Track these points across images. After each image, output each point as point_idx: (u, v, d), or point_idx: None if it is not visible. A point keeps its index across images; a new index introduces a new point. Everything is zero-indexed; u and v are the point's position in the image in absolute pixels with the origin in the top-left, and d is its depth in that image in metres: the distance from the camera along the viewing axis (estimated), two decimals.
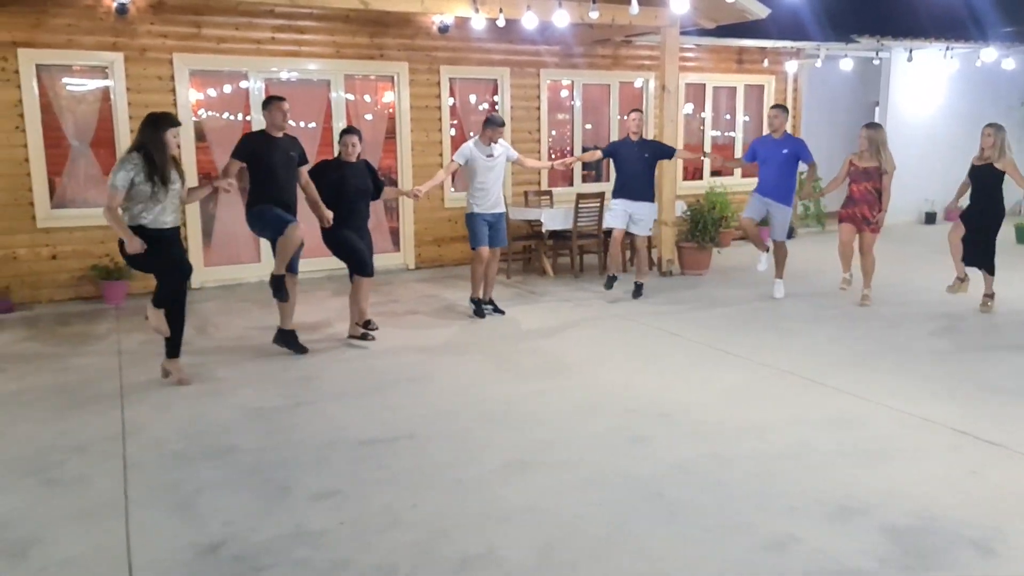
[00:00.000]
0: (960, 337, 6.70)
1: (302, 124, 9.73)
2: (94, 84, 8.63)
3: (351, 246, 6.72)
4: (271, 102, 6.32)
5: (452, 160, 7.68)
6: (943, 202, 13.29)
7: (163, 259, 5.46)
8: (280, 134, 6.33)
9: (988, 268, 7.56)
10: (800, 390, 5.40)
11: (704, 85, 12.49)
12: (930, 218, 14.58)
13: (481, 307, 7.75)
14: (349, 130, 6.82)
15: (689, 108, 12.49)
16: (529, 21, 8.27)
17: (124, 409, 5.19)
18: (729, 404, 5.15)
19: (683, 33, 9.96)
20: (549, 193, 10.65)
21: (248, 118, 9.30)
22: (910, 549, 3.27)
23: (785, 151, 8.20)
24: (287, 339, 6.49)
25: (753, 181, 8.73)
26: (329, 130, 9.71)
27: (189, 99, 8.96)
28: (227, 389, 5.60)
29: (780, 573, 3.13)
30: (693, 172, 12.62)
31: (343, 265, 6.92)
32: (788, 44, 12.47)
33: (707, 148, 12.17)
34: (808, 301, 8.12)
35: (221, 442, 4.62)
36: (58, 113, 8.45)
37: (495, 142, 7.59)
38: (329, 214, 6.58)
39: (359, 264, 6.75)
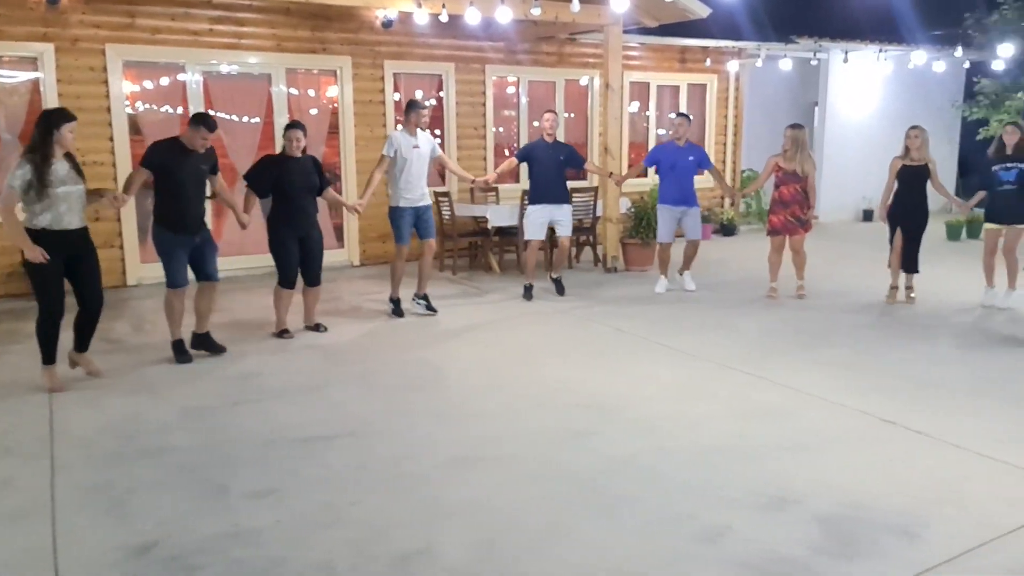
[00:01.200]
0: (890, 330, 6.90)
1: (245, 119, 9.58)
2: (24, 76, 8.35)
3: (285, 260, 6.67)
4: (197, 125, 5.85)
5: (382, 155, 7.32)
6: (879, 200, 13.70)
7: (54, 278, 5.22)
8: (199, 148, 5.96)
9: (915, 268, 7.83)
10: (737, 383, 5.50)
11: (648, 84, 12.63)
12: (867, 215, 14.97)
13: (399, 306, 7.56)
14: (293, 124, 6.64)
15: (635, 107, 12.62)
16: (472, 17, 8.26)
17: (53, 409, 5.04)
18: (669, 398, 5.22)
19: (626, 31, 10.05)
20: (495, 190, 10.65)
21: (183, 111, 9.11)
22: (839, 537, 3.36)
23: (691, 158, 8.31)
24: (178, 350, 6.14)
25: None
26: (271, 125, 9.57)
27: (123, 91, 8.73)
28: (163, 388, 5.48)
29: (715, 563, 3.19)
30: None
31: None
32: (729, 44, 12.69)
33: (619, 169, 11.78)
34: (746, 297, 8.26)
35: (156, 441, 4.52)
36: None
37: (421, 128, 7.35)
38: (247, 218, 6.45)
39: (283, 278, 6.71)
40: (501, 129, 11.47)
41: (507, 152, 11.54)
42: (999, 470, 4.01)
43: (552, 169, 8.16)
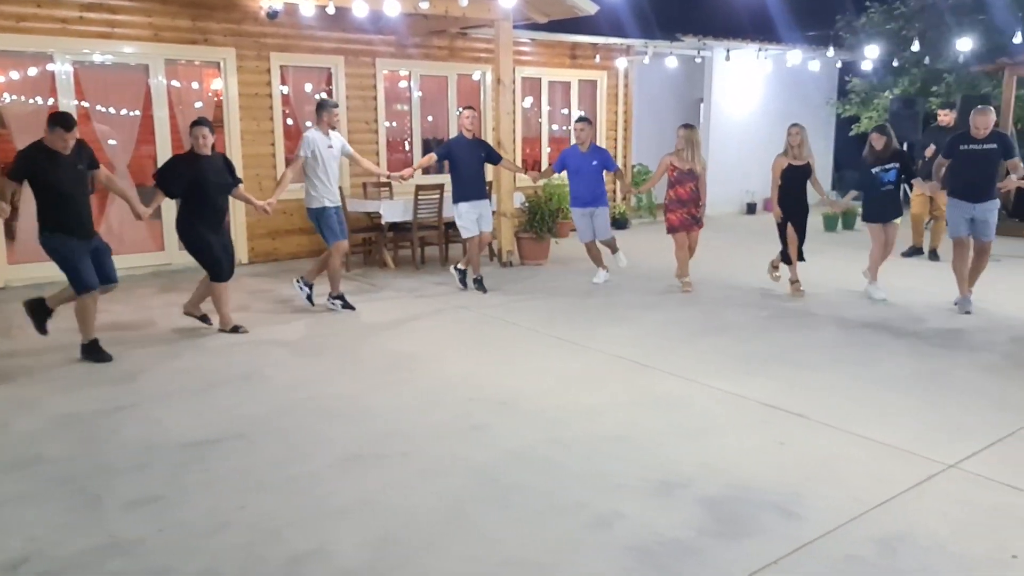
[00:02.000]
0: (774, 318, 7.20)
1: (124, 112, 9.14)
2: None
3: (211, 255, 6.47)
4: (54, 127, 5.51)
5: (297, 156, 7.20)
6: (762, 193, 14.26)
7: None
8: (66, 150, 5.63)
9: (801, 258, 8.20)
10: (630, 374, 5.62)
11: (540, 79, 12.75)
12: (751, 208, 15.59)
13: (346, 300, 7.52)
14: (199, 122, 6.39)
15: (528, 102, 12.72)
16: (359, 9, 8.13)
17: None
18: (564, 389, 5.29)
19: (516, 27, 10.11)
20: (388, 185, 10.53)
21: (58, 104, 8.61)
22: (723, 517, 3.49)
23: (594, 162, 8.50)
24: (91, 351, 5.95)
25: None
26: (150, 118, 9.17)
27: None
28: (34, 395, 5.17)
29: (606, 548, 3.25)
30: (532, 165, 12.86)
31: (167, 261, 6.58)
32: (618, 41, 12.95)
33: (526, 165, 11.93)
34: (639, 289, 8.46)
35: (25, 452, 4.26)
36: None
37: (332, 127, 7.32)
38: (143, 210, 6.18)
39: (216, 272, 6.53)
40: (394, 124, 11.35)
41: (406, 147, 11.46)
42: (870, 448, 4.25)
43: (473, 165, 8.20)
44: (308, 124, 8.43)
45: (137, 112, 9.20)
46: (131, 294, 8.16)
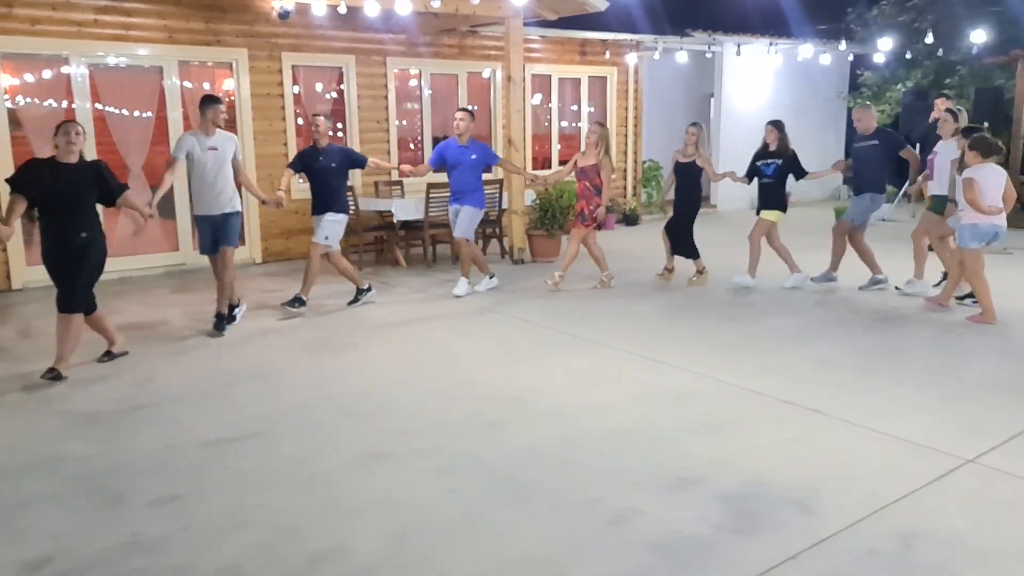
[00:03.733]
0: (787, 313, 7.19)
1: (137, 113, 9.20)
2: None
3: (55, 276, 5.58)
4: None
5: (172, 158, 6.49)
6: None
7: None
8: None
9: (693, 255, 8.42)
10: (643, 370, 5.63)
11: (550, 76, 12.74)
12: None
13: (226, 318, 6.82)
14: (70, 121, 5.58)
15: (538, 99, 12.72)
16: (371, 8, 8.15)
17: None
18: (576, 386, 5.31)
19: (527, 24, 10.11)
20: (400, 184, 10.56)
21: (74, 106, 8.68)
22: (740, 513, 3.50)
23: (474, 156, 8.08)
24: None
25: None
26: (164, 119, 9.23)
27: (1, 84, 8.25)
28: (55, 395, 5.22)
29: (622, 544, 3.27)
30: (543, 162, 12.87)
31: (182, 261, 6.63)
32: (628, 37, 12.93)
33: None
34: (650, 285, 8.47)
35: (48, 452, 4.31)
36: None
37: (219, 126, 6.60)
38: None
39: (58, 297, 5.55)
40: (403, 122, 11.37)
41: (412, 146, 11.49)
42: (887, 443, 4.25)
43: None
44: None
45: (151, 113, 9.25)
46: (147, 294, 8.22)
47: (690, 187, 8.37)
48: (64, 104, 8.71)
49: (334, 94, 10.54)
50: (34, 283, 8.49)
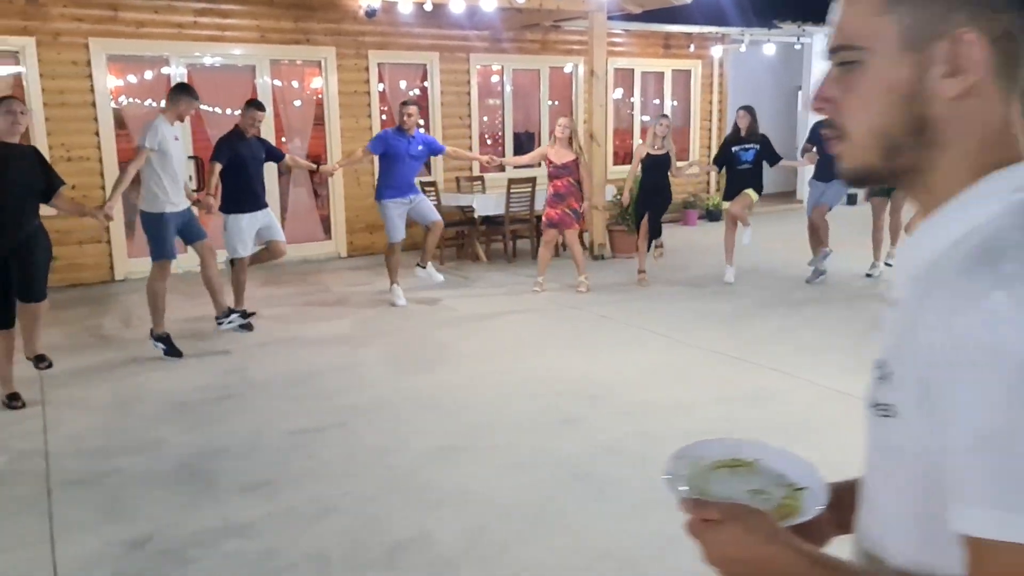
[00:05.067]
0: (871, 313, 6.96)
1: (228, 111, 9.53)
2: (4, 70, 8.29)
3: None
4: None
5: (141, 147, 5.83)
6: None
7: None
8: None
9: (658, 234, 8.48)
10: (724, 368, 5.56)
11: (632, 70, 12.64)
12: (851, 199, 15.05)
13: (171, 343, 6.04)
14: (11, 97, 5.11)
15: (619, 93, 12.63)
16: (457, 5, 8.25)
17: (45, 404, 5.05)
18: (656, 383, 5.27)
19: (610, 18, 10.05)
20: (481, 179, 10.66)
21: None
22: None
23: (420, 147, 7.66)
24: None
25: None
26: None
27: (108, 85, 8.68)
28: (151, 382, 5.49)
29: None
30: (623, 157, 12.79)
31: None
32: (713, 29, 12.71)
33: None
34: (723, 281, 8.32)
35: (146, 436, 4.54)
36: None
37: (182, 119, 6.22)
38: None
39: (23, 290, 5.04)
40: (484, 118, 11.46)
41: (489, 141, 11.57)
42: None
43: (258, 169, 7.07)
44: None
45: (240, 111, 9.56)
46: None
47: (664, 180, 8.29)
48: (162, 103, 9.08)
49: (417, 91, 10.70)
50: (135, 274, 8.90)
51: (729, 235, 8.23)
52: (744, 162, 8.08)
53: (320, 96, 10.03)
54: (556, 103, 12.00)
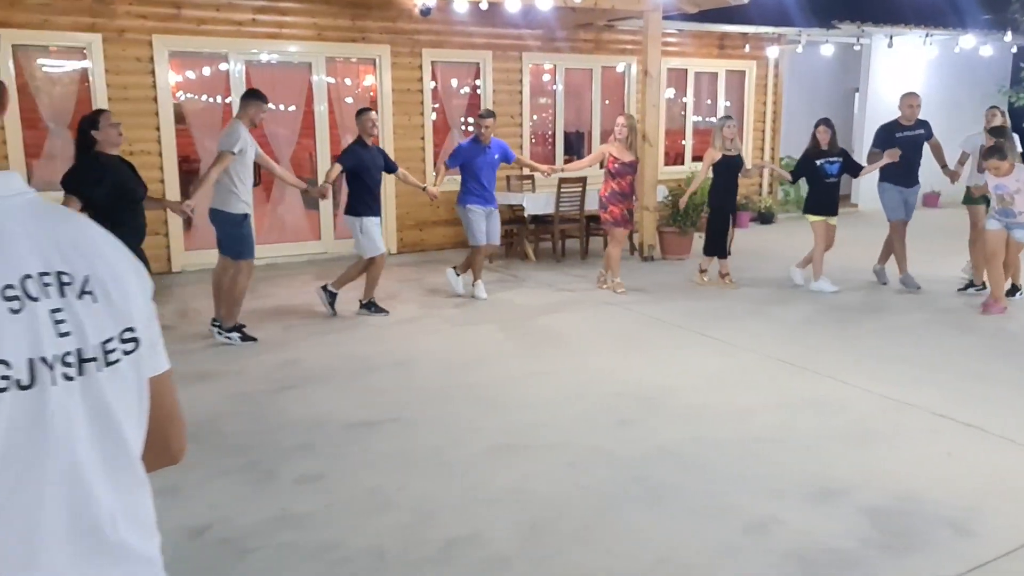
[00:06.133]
0: (936, 321, 6.78)
1: (282, 107, 9.66)
2: (72, 66, 8.50)
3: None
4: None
5: (227, 151, 6.03)
6: (929, 186, 13.48)
7: None
8: None
9: (725, 254, 8.26)
10: (781, 374, 5.46)
11: (686, 70, 12.50)
12: (929, 203, 14.69)
13: (244, 331, 6.37)
14: (106, 112, 5.49)
15: (671, 93, 12.51)
16: (512, 4, 8.24)
17: None
18: (712, 388, 5.20)
19: (665, 18, 9.95)
20: (531, 178, 10.64)
21: (228, 100, 9.22)
22: (890, 530, 3.34)
23: (496, 156, 7.81)
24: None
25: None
26: (311, 113, 9.65)
27: (169, 81, 8.85)
28: (211, 373, 5.57)
29: (762, 554, 3.18)
30: (674, 157, 12.66)
31: (324, 250, 6.91)
32: (770, 30, 12.51)
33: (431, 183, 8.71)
34: (788, 286, 8.18)
35: (207, 425, 4.59)
36: (35, 95, 8.32)
37: (255, 125, 6.39)
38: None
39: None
40: (535, 117, 11.43)
41: (532, 140, 11.53)
42: None
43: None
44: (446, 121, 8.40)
45: (295, 107, 9.69)
46: (292, 280, 8.63)
47: (736, 181, 8.21)
48: (219, 99, 9.25)
49: (467, 89, 10.71)
50: (191, 266, 9.07)
51: (820, 248, 7.94)
52: (831, 175, 7.91)
53: (373, 93, 10.10)
54: (608, 102, 11.93)
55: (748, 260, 9.37)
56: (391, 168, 7.44)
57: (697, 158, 12.67)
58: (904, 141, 7.93)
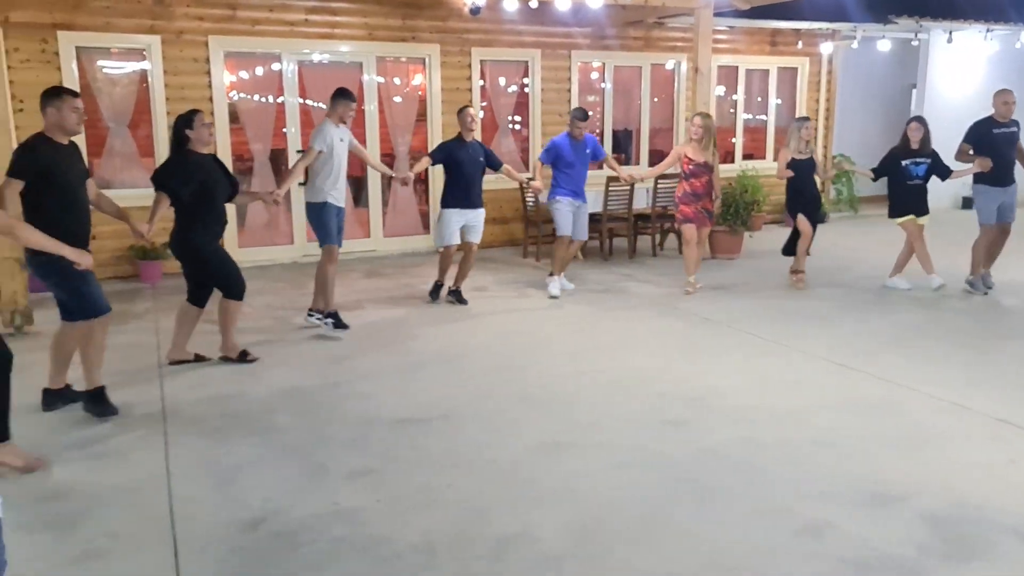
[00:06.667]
0: (995, 324, 6.61)
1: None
2: (132, 67, 8.73)
3: (227, 268, 5.71)
4: (59, 96, 4.57)
5: (311, 149, 6.39)
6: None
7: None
8: (66, 141, 4.72)
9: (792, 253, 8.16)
10: (833, 376, 5.36)
11: (736, 68, 12.34)
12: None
13: (340, 319, 6.61)
14: (199, 112, 5.62)
15: (721, 90, 12.36)
16: (562, 3, 8.22)
17: (163, 386, 5.28)
18: (762, 389, 5.13)
19: (717, 15, 9.83)
20: None
21: (280, 100, 9.37)
22: (949, 537, 3.26)
23: (588, 150, 7.88)
24: (95, 400, 4.76)
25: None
26: (361, 112, 9.74)
27: (224, 81, 9.03)
28: (262, 368, 5.68)
29: (816, 559, 3.13)
30: (724, 156, 12.50)
31: (373, 248, 6.97)
32: (824, 26, 12.28)
33: (530, 175, 8.80)
34: (841, 286, 8.04)
35: (259, 420, 4.69)
36: (96, 95, 8.56)
37: (344, 122, 6.60)
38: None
39: (236, 287, 5.71)
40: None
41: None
42: None
43: (473, 169, 7.43)
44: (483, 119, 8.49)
45: None
46: (342, 278, 8.71)
47: (812, 182, 8.06)
48: (271, 99, 9.41)
49: (515, 87, 10.72)
50: (245, 262, 9.16)
51: (923, 247, 7.78)
52: (916, 177, 7.70)
53: (423, 92, 10.16)
54: (657, 100, 11.84)
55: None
56: (494, 165, 7.67)
57: (748, 156, 12.53)
58: (1000, 138, 7.67)
